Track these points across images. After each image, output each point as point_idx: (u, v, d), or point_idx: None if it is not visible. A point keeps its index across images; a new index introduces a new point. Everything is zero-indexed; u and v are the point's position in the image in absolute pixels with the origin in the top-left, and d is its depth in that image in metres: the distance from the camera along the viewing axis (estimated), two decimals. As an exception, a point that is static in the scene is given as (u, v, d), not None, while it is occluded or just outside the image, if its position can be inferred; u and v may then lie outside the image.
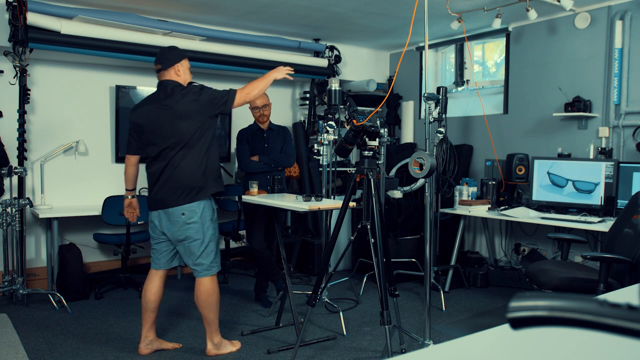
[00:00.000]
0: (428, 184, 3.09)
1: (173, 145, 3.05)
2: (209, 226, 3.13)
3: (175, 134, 3.04)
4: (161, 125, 3.06)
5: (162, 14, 4.77)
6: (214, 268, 3.18)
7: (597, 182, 4.19)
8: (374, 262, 2.89)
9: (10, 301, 4.23)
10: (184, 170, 3.05)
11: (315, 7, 4.56)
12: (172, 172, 3.06)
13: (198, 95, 3.08)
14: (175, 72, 3.18)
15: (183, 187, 3.05)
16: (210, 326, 3.21)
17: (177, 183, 3.05)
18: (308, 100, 5.97)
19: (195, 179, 3.06)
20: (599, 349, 0.95)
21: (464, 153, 5.46)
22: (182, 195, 3.05)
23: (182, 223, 3.06)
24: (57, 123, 4.79)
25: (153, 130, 3.09)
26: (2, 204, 4.01)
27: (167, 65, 3.17)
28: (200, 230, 3.09)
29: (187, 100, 3.06)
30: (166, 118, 3.05)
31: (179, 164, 3.05)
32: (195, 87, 3.14)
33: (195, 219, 3.07)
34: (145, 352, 3.27)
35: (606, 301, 0.55)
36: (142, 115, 3.15)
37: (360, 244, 5.13)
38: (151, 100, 3.18)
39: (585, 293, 2.89)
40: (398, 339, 3.29)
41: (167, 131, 3.05)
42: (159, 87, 3.18)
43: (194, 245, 3.10)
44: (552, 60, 4.84)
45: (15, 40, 4.03)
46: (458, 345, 0.98)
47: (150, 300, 3.23)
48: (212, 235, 3.15)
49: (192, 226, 3.07)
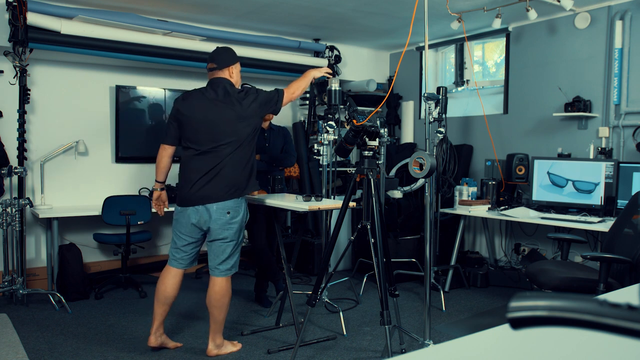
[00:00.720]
0: (428, 184, 3.09)
1: (231, 143, 3.09)
2: (243, 229, 3.20)
3: (235, 133, 3.09)
4: (221, 123, 3.09)
5: (162, 14, 4.77)
6: (234, 269, 3.22)
7: (597, 182, 4.19)
8: (374, 262, 2.89)
9: (10, 301, 4.23)
10: (235, 169, 3.10)
11: (315, 7, 4.56)
12: (222, 169, 3.08)
13: (256, 96, 3.16)
14: (229, 72, 3.24)
15: (230, 185, 3.09)
16: (216, 326, 3.22)
17: (227, 180, 3.08)
18: (308, 100, 5.97)
19: (242, 177, 3.12)
20: (599, 349, 0.95)
21: (464, 153, 5.46)
22: (229, 192, 3.08)
23: (225, 222, 3.09)
24: (57, 123, 4.79)
25: (209, 126, 3.10)
26: (2, 204, 4.01)
27: (223, 65, 3.23)
28: (238, 232, 3.15)
29: (248, 101, 3.13)
30: (227, 116, 3.09)
31: (231, 162, 3.09)
32: (252, 89, 3.22)
33: (238, 219, 3.12)
34: (154, 344, 3.27)
35: (606, 301, 0.55)
36: (195, 108, 3.14)
37: (360, 244, 5.13)
38: (203, 95, 3.17)
39: (585, 293, 2.89)
40: (398, 339, 3.29)
41: (227, 129, 3.09)
42: (211, 84, 3.20)
43: (229, 245, 3.14)
44: (552, 60, 4.84)
45: (15, 40, 4.03)
46: (458, 345, 0.98)
47: (168, 296, 3.23)
48: (242, 238, 3.22)
49: (233, 226, 3.11)
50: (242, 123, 3.10)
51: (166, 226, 5.38)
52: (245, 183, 3.14)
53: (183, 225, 3.17)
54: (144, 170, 5.21)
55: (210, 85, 3.19)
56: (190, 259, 3.29)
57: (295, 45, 5.55)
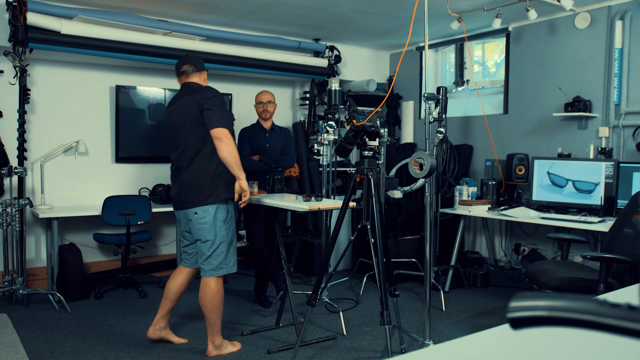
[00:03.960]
0: (428, 184, 3.09)
1: (191, 147, 3.11)
2: (221, 227, 3.14)
3: (195, 138, 3.10)
4: (183, 128, 3.14)
5: (162, 14, 4.77)
6: (222, 269, 3.18)
7: (597, 182, 4.19)
8: (374, 262, 2.89)
9: (10, 301, 4.23)
10: (196, 174, 3.10)
11: (315, 7, 4.56)
12: (186, 174, 3.13)
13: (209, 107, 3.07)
14: (204, 77, 3.29)
15: (194, 190, 3.10)
16: (212, 327, 3.22)
17: (191, 185, 3.11)
18: (308, 100, 5.97)
19: (206, 182, 3.10)
20: (599, 349, 0.95)
21: (464, 153, 5.46)
22: (194, 197, 3.10)
23: (195, 223, 3.13)
24: (57, 123, 4.79)
25: (175, 131, 3.19)
26: (2, 204, 4.01)
27: (200, 68, 3.27)
28: (212, 232, 3.12)
29: (205, 106, 3.07)
30: (189, 122, 3.10)
31: (194, 167, 3.11)
32: (212, 102, 3.09)
33: (207, 220, 3.10)
34: (152, 336, 3.34)
35: (606, 301, 0.55)
36: (166, 114, 3.26)
37: (360, 244, 5.13)
38: (175, 101, 3.24)
39: (585, 293, 2.89)
40: (398, 339, 3.29)
41: (187, 134, 3.12)
42: (185, 88, 3.22)
43: (205, 246, 3.14)
44: (552, 60, 4.84)
45: (15, 40, 4.03)
46: (458, 345, 0.98)
47: (170, 290, 3.31)
48: (224, 236, 3.15)
49: (203, 227, 3.11)
50: (202, 128, 3.06)
51: (166, 226, 5.38)
52: (211, 187, 3.09)
53: (180, 228, 3.36)
54: (144, 170, 5.21)
55: (183, 90, 3.23)
56: (193, 259, 3.34)
57: (295, 45, 5.55)
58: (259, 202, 3.53)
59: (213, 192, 3.09)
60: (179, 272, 3.36)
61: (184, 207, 3.15)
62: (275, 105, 4.30)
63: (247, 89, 5.71)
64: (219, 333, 3.26)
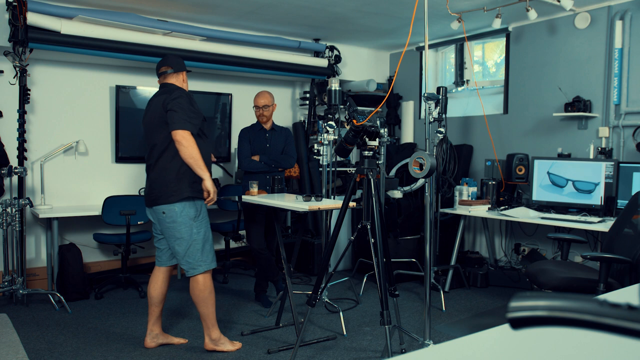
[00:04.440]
0: (428, 184, 3.09)
1: (157, 146, 3.15)
2: (191, 225, 3.14)
3: (159, 137, 3.14)
4: (151, 127, 3.20)
5: (162, 14, 4.77)
6: (200, 266, 3.18)
7: (597, 182, 4.19)
8: (374, 262, 2.89)
9: (10, 301, 4.23)
10: (160, 173, 3.14)
11: (315, 7, 4.56)
12: (152, 173, 3.18)
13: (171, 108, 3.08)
14: (183, 78, 3.29)
15: (158, 189, 3.13)
16: (206, 321, 3.24)
17: (156, 184, 3.15)
18: (308, 100, 5.97)
19: (169, 181, 3.11)
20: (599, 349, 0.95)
21: (464, 153, 5.46)
22: (158, 196, 3.13)
23: (163, 221, 3.15)
24: (57, 123, 4.79)
25: (145, 130, 3.26)
26: (2, 204, 4.01)
27: (178, 69, 3.27)
28: (181, 230, 3.12)
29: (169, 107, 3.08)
30: (156, 121, 3.14)
31: (158, 166, 3.15)
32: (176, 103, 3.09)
33: (175, 219, 3.11)
34: (150, 345, 3.34)
35: (606, 301, 0.55)
36: (144, 114, 3.31)
37: (360, 244, 5.13)
38: (151, 101, 3.28)
39: (585, 293, 2.89)
40: (398, 339, 3.29)
41: (154, 133, 3.18)
42: (161, 88, 3.26)
43: (177, 244, 3.15)
44: (552, 60, 4.84)
45: (15, 40, 4.03)
46: (458, 345, 0.98)
47: (152, 296, 3.31)
48: (195, 234, 3.15)
49: (171, 226, 3.13)
50: (167, 127, 3.08)
51: (166, 226, 5.37)
52: (175, 186, 3.10)
53: (153, 225, 3.35)
54: (144, 170, 5.18)
55: (159, 90, 3.26)
56: (165, 256, 3.31)
57: (295, 45, 5.55)
58: (259, 202, 3.53)
59: (177, 191, 3.10)
60: (155, 275, 3.34)
61: (152, 205, 3.18)
62: (273, 107, 4.26)
63: (247, 89, 5.71)
64: (215, 326, 3.27)
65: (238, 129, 4.44)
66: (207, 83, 5.53)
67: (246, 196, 3.74)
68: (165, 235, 3.20)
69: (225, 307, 4.23)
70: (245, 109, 5.44)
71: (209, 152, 3.31)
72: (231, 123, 5.59)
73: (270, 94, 4.25)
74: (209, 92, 5.50)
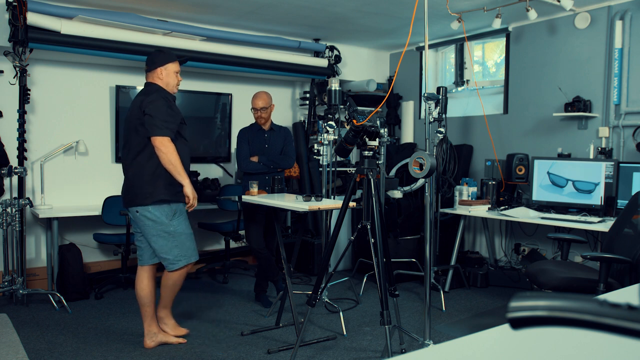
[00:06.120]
0: (428, 184, 3.09)
1: (132, 148, 3.16)
2: (167, 225, 3.15)
3: (135, 139, 3.15)
4: (128, 129, 3.21)
5: (162, 14, 4.77)
6: (180, 261, 3.22)
7: (597, 182, 4.19)
8: (374, 262, 2.89)
9: (10, 301, 4.23)
10: (135, 174, 3.15)
11: (315, 7, 4.56)
12: (127, 174, 3.20)
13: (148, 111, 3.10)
14: (159, 74, 3.25)
15: (132, 190, 3.14)
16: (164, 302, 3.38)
17: (129, 184, 3.17)
18: (308, 100, 5.97)
19: (143, 183, 3.12)
20: (599, 349, 0.95)
21: (464, 153, 5.46)
22: (133, 197, 3.15)
23: (137, 218, 3.17)
24: (57, 123, 4.79)
25: (124, 132, 3.29)
26: (2, 204, 4.01)
27: (152, 67, 3.26)
28: (158, 228, 3.14)
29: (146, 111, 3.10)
30: (133, 123, 3.16)
31: (132, 167, 3.16)
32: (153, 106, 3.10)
33: (148, 216, 3.13)
34: (150, 346, 3.33)
35: (606, 301, 0.55)
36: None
37: (360, 244, 5.13)
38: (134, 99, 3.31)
39: (585, 293, 2.89)
40: (398, 339, 3.29)
41: (129, 135, 3.19)
42: (143, 87, 3.30)
43: (154, 242, 3.17)
44: (552, 60, 4.84)
45: (15, 40, 4.03)
46: (458, 345, 0.98)
47: (140, 296, 3.32)
48: (172, 231, 3.17)
49: (149, 224, 3.14)
50: (144, 129, 3.09)
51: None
52: (150, 188, 3.10)
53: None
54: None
55: (141, 90, 3.29)
56: (147, 254, 3.32)
57: (295, 45, 5.55)
58: (259, 202, 3.53)
59: (152, 193, 3.11)
60: (140, 275, 3.34)
61: (128, 206, 3.20)
62: (271, 107, 4.23)
63: (247, 89, 5.71)
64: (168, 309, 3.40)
65: (238, 129, 4.44)
66: (207, 83, 5.53)
67: (246, 196, 3.74)
68: (143, 234, 3.22)
69: (225, 307, 4.23)
70: (246, 109, 5.43)
71: (189, 155, 3.32)
72: (231, 123, 5.59)
73: (268, 94, 4.21)
74: (209, 92, 5.50)
